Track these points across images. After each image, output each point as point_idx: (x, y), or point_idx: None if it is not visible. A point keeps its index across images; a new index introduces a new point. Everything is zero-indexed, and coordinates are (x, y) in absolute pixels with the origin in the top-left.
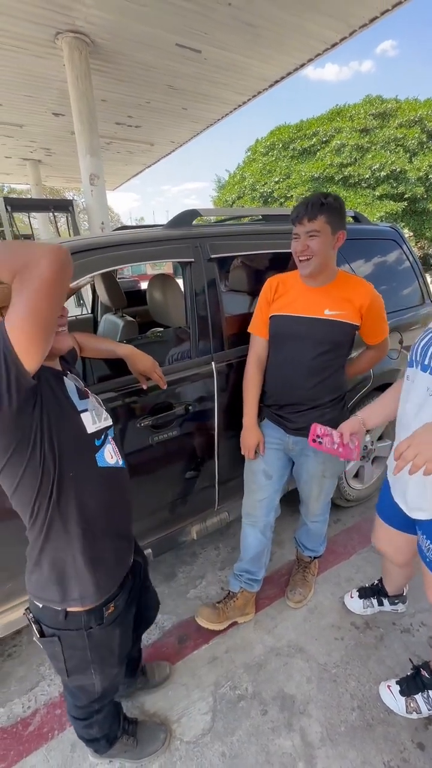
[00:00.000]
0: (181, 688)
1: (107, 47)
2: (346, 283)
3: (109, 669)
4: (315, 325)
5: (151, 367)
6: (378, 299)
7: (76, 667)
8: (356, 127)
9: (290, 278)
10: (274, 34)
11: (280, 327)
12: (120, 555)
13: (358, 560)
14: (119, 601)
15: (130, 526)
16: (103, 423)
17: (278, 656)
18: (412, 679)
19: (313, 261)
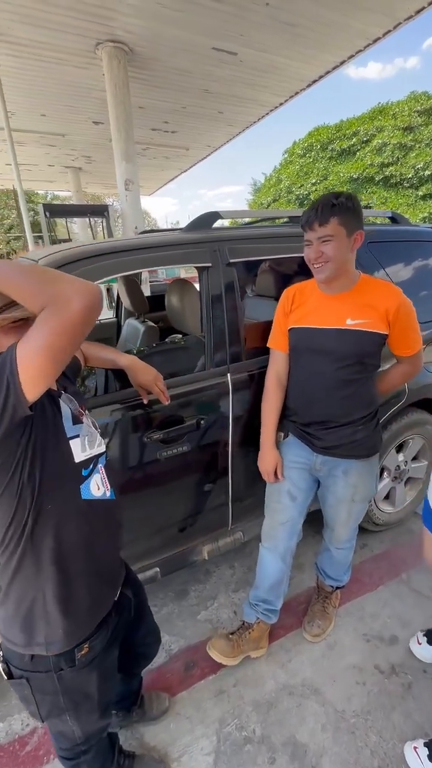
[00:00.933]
0: (184, 722)
1: (144, 54)
2: (368, 287)
3: (87, 716)
4: (337, 337)
5: (151, 381)
6: (407, 304)
7: (50, 712)
8: (399, 125)
9: (308, 287)
10: (314, 33)
11: (299, 340)
12: (100, 595)
13: (386, 593)
14: (95, 642)
15: (115, 561)
16: (96, 450)
17: (291, 696)
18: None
19: (328, 266)
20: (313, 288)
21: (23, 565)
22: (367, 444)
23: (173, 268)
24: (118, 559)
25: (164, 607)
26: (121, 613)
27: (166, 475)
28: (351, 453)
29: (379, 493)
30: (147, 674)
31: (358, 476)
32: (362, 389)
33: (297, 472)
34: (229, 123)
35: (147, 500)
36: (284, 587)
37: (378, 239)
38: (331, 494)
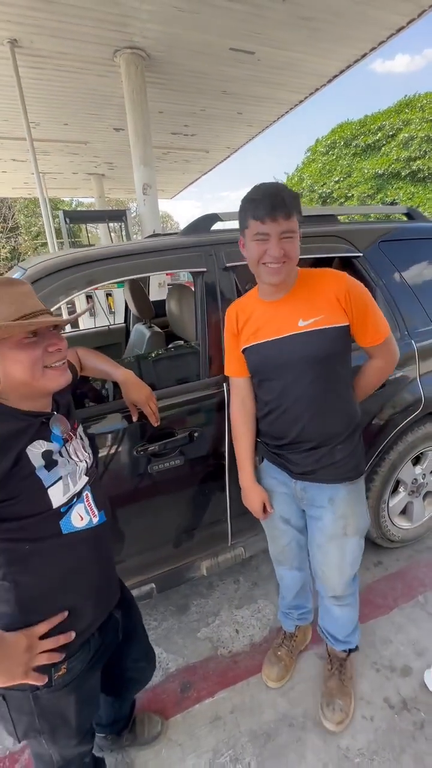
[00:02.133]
0: (176, 749)
1: (161, 59)
2: (310, 280)
3: (65, 740)
4: (293, 344)
5: (144, 400)
6: (356, 285)
7: (26, 733)
8: (427, 116)
9: (247, 302)
10: (333, 26)
11: (257, 359)
12: (84, 618)
13: (400, 617)
14: (74, 663)
15: (106, 583)
16: (79, 485)
17: (291, 727)
18: None
19: (286, 267)
20: (253, 300)
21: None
22: (349, 465)
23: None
24: (111, 580)
25: (164, 622)
26: (105, 635)
27: (159, 489)
28: (334, 477)
29: (395, 507)
30: (141, 694)
31: (346, 504)
32: (339, 401)
33: (281, 496)
34: (248, 123)
35: (142, 515)
36: (309, 586)
37: (392, 238)
38: (318, 531)
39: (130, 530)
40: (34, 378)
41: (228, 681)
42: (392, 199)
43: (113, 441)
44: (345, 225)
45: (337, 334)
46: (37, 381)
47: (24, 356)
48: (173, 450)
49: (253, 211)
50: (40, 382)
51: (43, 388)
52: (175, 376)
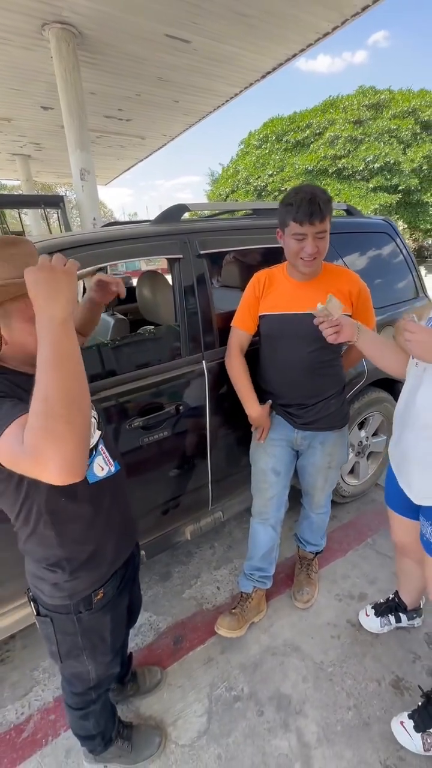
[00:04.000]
0: (176, 691)
1: (95, 38)
2: (332, 274)
3: (102, 657)
4: (308, 320)
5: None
6: (365, 287)
7: (69, 652)
8: (349, 118)
9: (278, 273)
10: (267, 24)
11: (273, 328)
12: (118, 551)
13: (354, 557)
14: (108, 588)
15: (126, 525)
16: (95, 437)
17: (274, 656)
18: (425, 710)
19: (317, 261)
20: (282, 275)
21: (35, 535)
22: (338, 416)
23: (134, 261)
24: (130, 521)
25: (149, 590)
26: (127, 567)
27: (149, 460)
28: (327, 425)
29: (346, 467)
30: (138, 653)
31: (333, 445)
32: (333, 369)
33: (280, 449)
34: (185, 112)
35: (132, 487)
36: (275, 554)
37: (336, 231)
38: (310, 464)
39: None
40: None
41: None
42: None
43: (106, 417)
44: None
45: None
46: None
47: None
48: (161, 422)
49: (294, 214)
50: None
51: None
52: (158, 356)
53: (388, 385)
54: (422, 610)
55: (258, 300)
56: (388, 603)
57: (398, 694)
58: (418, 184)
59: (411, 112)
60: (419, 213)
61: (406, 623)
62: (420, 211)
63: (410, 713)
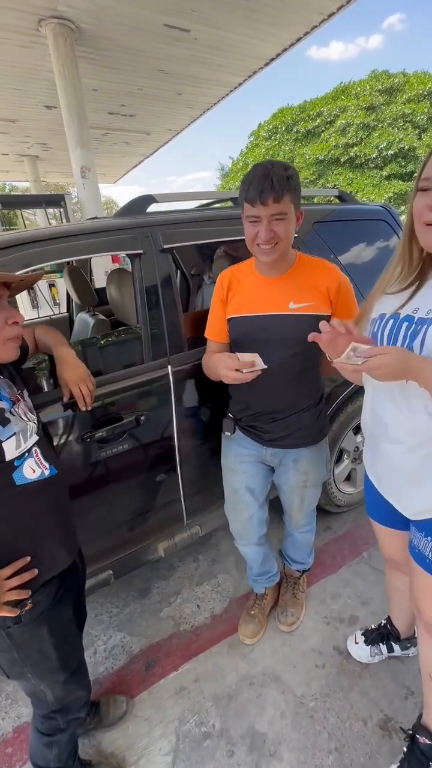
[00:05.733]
0: (143, 724)
1: (92, 32)
2: (307, 267)
3: (49, 675)
4: (280, 324)
5: (74, 380)
6: (346, 282)
7: (11, 669)
8: (362, 104)
9: (243, 271)
10: (268, 8)
11: (241, 331)
12: (42, 561)
13: (347, 573)
14: (39, 598)
15: (65, 532)
16: (30, 441)
17: (251, 686)
18: (412, 755)
19: (278, 248)
20: (249, 271)
21: None
22: (313, 431)
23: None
24: (69, 528)
25: (125, 608)
26: (66, 577)
27: (109, 474)
28: (299, 442)
29: (340, 474)
30: (106, 678)
31: (308, 463)
32: (310, 376)
33: (250, 465)
34: (189, 105)
35: (93, 502)
36: (273, 554)
37: (325, 219)
38: (284, 483)
39: (84, 517)
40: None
41: (191, 653)
42: (333, 184)
43: (61, 429)
44: None
45: (318, 322)
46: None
47: None
48: (121, 435)
49: (245, 193)
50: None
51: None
52: (118, 361)
53: None
54: (417, 639)
55: (224, 303)
56: (379, 630)
57: (386, 737)
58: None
59: (427, 94)
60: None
61: (399, 653)
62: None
63: (398, 764)
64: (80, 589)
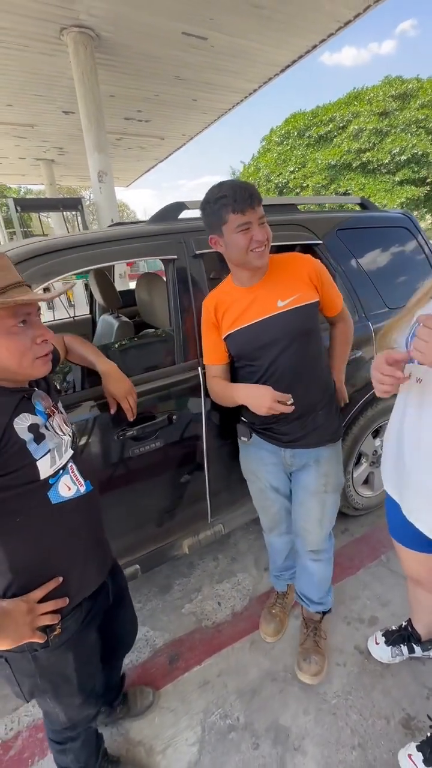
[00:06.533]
0: (168, 715)
1: (112, 40)
2: (281, 264)
3: (68, 699)
4: (274, 324)
5: (123, 394)
6: (320, 264)
7: (31, 692)
8: (375, 110)
9: (224, 291)
10: (284, 16)
11: (240, 344)
12: (74, 585)
13: (366, 576)
14: (69, 623)
15: (97, 551)
16: (65, 457)
17: (274, 681)
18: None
19: (267, 248)
20: (230, 289)
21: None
22: (330, 429)
23: (156, 260)
24: (103, 547)
25: (148, 603)
26: (96, 598)
27: (140, 472)
28: (317, 440)
29: (359, 478)
30: (131, 671)
31: (329, 464)
32: (316, 371)
33: (271, 467)
34: (203, 111)
35: (123, 498)
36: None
37: (348, 226)
38: (301, 488)
39: (114, 513)
40: (21, 366)
41: (213, 648)
42: (345, 189)
43: (95, 426)
44: (305, 214)
45: (312, 309)
46: (23, 369)
47: (13, 345)
48: (153, 433)
49: (232, 205)
50: (27, 370)
51: (28, 375)
52: (150, 362)
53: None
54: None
55: (216, 326)
56: (400, 631)
57: (409, 735)
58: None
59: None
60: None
61: (420, 654)
62: None
63: (419, 744)
64: (122, 597)
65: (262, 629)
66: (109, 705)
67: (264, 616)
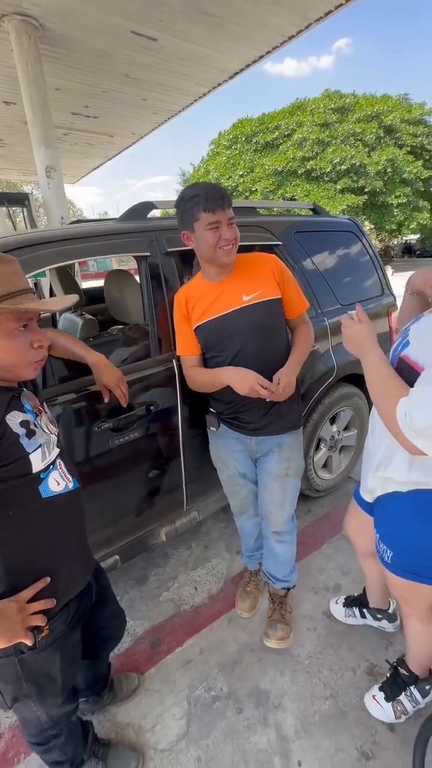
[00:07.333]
0: (154, 696)
1: (57, 32)
2: (247, 262)
3: (52, 699)
4: (239, 317)
5: (115, 382)
6: (281, 263)
7: (15, 698)
8: (316, 121)
9: (194, 286)
10: (233, 25)
11: (209, 335)
12: (62, 585)
13: (329, 549)
14: (56, 624)
15: (82, 550)
16: (53, 453)
17: (252, 652)
18: (393, 681)
19: (235, 247)
20: (200, 284)
21: None
22: (292, 417)
23: (106, 259)
24: (86, 546)
25: (125, 595)
26: (82, 598)
27: (120, 463)
28: (281, 428)
29: (319, 461)
30: (114, 659)
31: (290, 449)
32: (280, 362)
33: (239, 454)
34: (154, 111)
35: (103, 490)
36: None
37: (303, 229)
38: (266, 473)
39: (94, 505)
40: (16, 367)
41: (193, 630)
42: (292, 195)
43: (75, 419)
44: (265, 216)
45: (275, 305)
46: (18, 370)
47: (12, 346)
48: (132, 424)
49: (204, 204)
50: (21, 372)
51: (20, 376)
52: (127, 355)
53: (357, 380)
54: (394, 615)
55: (187, 318)
56: (357, 597)
57: (372, 680)
58: (382, 186)
59: (374, 116)
60: (384, 214)
61: (373, 623)
62: (385, 213)
63: (380, 686)
64: (104, 596)
65: (238, 606)
66: (96, 695)
67: (239, 594)
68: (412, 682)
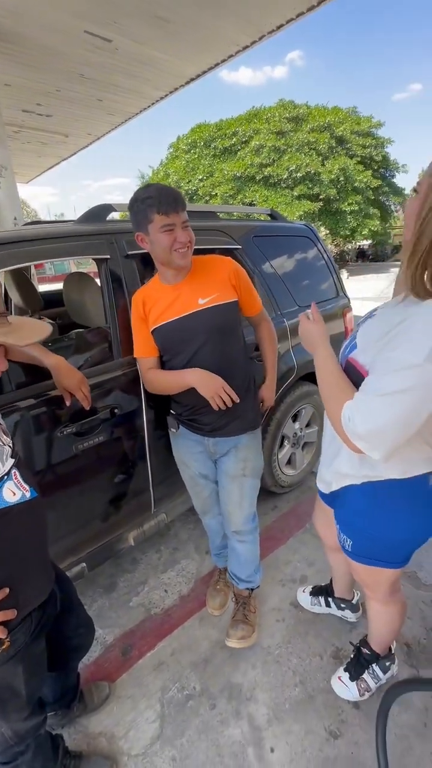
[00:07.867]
0: (127, 702)
1: (8, 27)
2: (204, 264)
3: (16, 714)
4: (195, 320)
5: (77, 385)
6: (239, 267)
7: None
8: (272, 129)
9: (152, 287)
10: (188, 32)
11: (165, 337)
12: (22, 596)
13: (295, 543)
14: (17, 635)
15: (44, 560)
16: (7, 465)
17: (224, 648)
18: (357, 661)
19: (190, 250)
20: (157, 286)
21: None
22: (248, 418)
23: (63, 262)
24: (47, 556)
25: (94, 604)
26: (45, 607)
27: (85, 468)
28: (238, 429)
29: (283, 458)
30: (85, 669)
31: (247, 450)
32: (236, 365)
33: (199, 456)
34: (110, 112)
35: (68, 496)
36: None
37: (262, 233)
38: (224, 474)
39: (59, 512)
40: None
41: (165, 632)
42: (251, 200)
43: (36, 425)
44: (225, 221)
45: (230, 308)
46: None
47: None
48: (96, 428)
49: (158, 206)
50: None
51: None
52: (89, 359)
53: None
54: (357, 606)
55: (145, 320)
56: (323, 586)
57: (338, 663)
58: (336, 194)
59: (327, 127)
60: (338, 221)
61: (337, 612)
62: (339, 219)
63: (345, 667)
64: (71, 605)
65: (208, 604)
66: (66, 707)
67: (209, 593)
68: (374, 660)
